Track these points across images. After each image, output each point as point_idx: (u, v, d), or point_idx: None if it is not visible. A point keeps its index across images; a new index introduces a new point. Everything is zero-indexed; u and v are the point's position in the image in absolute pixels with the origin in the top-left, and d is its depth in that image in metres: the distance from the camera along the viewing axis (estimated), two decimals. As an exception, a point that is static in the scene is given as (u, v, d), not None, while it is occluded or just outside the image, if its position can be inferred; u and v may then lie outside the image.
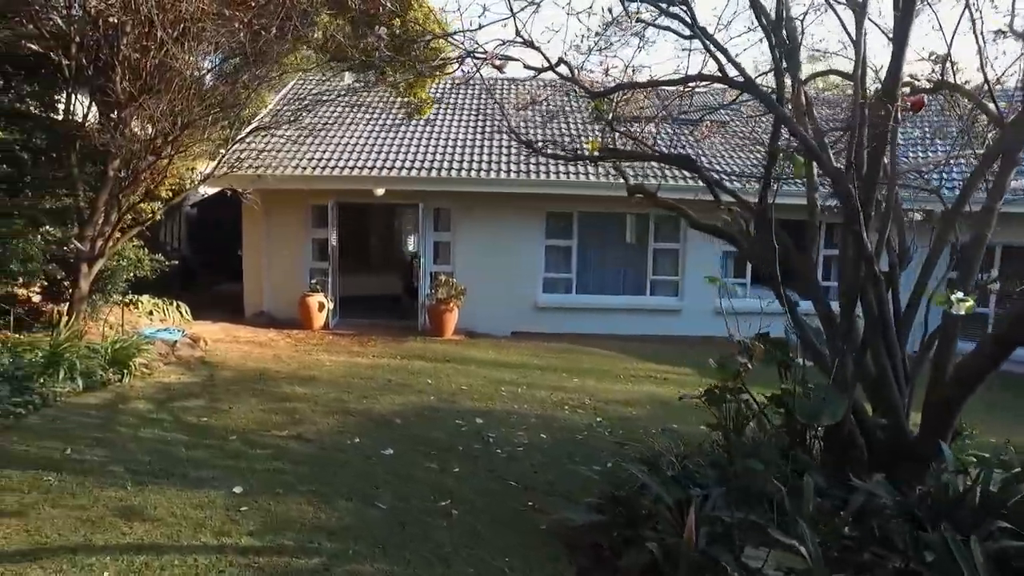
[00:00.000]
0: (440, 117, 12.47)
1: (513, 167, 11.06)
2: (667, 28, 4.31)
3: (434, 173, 10.73)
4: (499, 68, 4.38)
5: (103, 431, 5.20)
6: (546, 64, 4.73)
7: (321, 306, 10.76)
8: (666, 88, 5.18)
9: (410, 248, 18.89)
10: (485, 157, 11.32)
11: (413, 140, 11.78)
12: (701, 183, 5.12)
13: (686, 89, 5.14)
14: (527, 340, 10.96)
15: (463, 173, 10.77)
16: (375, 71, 7.92)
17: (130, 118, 6.85)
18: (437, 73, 5.62)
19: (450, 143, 11.77)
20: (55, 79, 7.48)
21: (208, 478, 4.42)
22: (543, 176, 10.87)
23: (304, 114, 7.93)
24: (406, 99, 8.81)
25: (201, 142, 7.40)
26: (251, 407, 6.21)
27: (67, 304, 7.69)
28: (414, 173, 10.71)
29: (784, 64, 4.44)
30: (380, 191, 10.98)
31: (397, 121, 12.16)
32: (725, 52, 4.14)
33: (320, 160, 10.89)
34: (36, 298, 8.81)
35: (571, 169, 11.08)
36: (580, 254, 11.71)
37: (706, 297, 11.67)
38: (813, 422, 4.28)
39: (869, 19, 4.16)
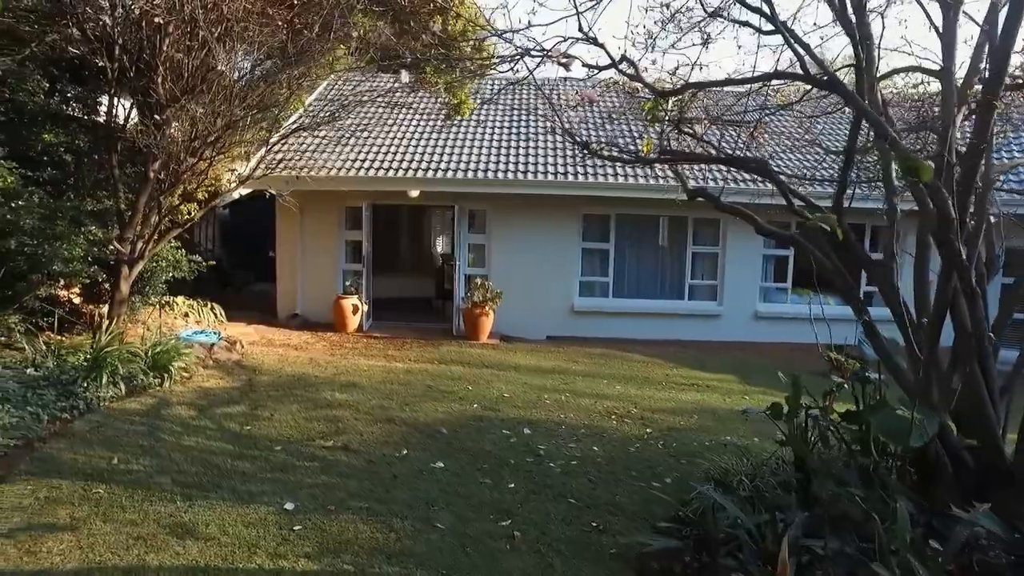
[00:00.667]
0: (475, 117, 12.26)
1: (551, 168, 10.82)
2: (745, 23, 4.03)
3: (470, 174, 10.52)
4: (565, 66, 4.13)
5: (148, 439, 5.06)
6: (607, 62, 4.49)
7: (355, 309, 10.61)
8: (728, 88, 4.90)
9: (439, 249, 18.77)
10: (521, 158, 11.09)
11: (447, 141, 11.60)
12: (756, 185, 4.81)
13: (760, 88, 4.85)
14: (563, 345, 10.71)
15: (499, 175, 10.55)
16: (415, 71, 7.72)
17: (172, 119, 6.73)
18: (488, 72, 5.40)
19: (485, 144, 11.56)
20: (98, 81, 7.40)
21: (257, 492, 4.25)
22: (580, 178, 10.60)
23: (342, 114, 7.74)
24: (445, 99, 8.59)
25: (241, 143, 7.26)
26: (293, 414, 6.05)
27: (106, 306, 7.62)
28: (449, 175, 10.52)
29: (863, 60, 4.14)
30: (415, 193, 10.81)
31: (433, 122, 11.99)
32: (807, 48, 3.86)
33: (355, 161, 10.74)
34: (76, 299, 8.78)
35: (609, 171, 10.81)
36: (617, 257, 11.43)
37: (746, 302, 11.38)
38: (900, 443, 3.98)
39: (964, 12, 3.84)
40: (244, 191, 11.74)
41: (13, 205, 6.64)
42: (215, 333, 8.89)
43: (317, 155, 10.37)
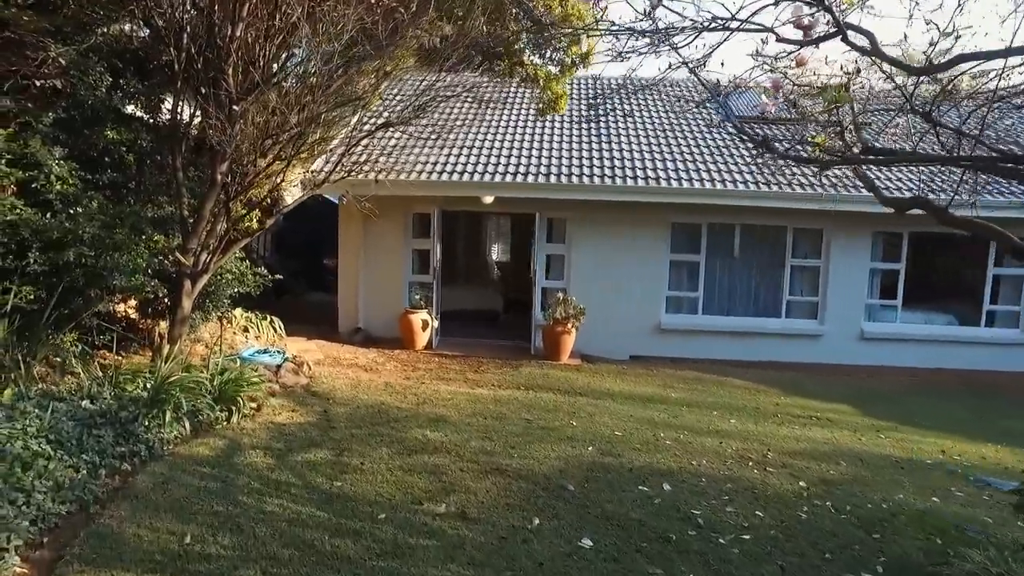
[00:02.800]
0: (554, 117, 11.15)
1: (639, 172, 9.64)
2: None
3: (552, 179, 9.40)
4: (807, 29, 2.96)
5: (224, 502, 4.02)
6: (825, 32, 3.30)
7: (424, 325, 9.56)
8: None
9: (493, 257, 17.70)
10: (605, 161, 9.94)
11: (524, 142, 10.51)
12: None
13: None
14: (651, 366, 9.51)
15: (584, 179, 9.41)
16: (509, 60, 6.62)
17: (244, 113, 5.74)
18: (658, 46, 4.25)
19: (565, 146, 10.43)
20: (163, 74, 6.48)
21: (373, 589, 3.16)
22: (674, 183, 9.39)
23: (428, 109, 6.68)
24: (539, 95, 7.49)
25: (324, 140, 6.25)
26: (385, 462, 4.97)
27: (165, 321, 6.68)
28: (529, 179, 9.41)
29: None
30: (489, 199, 9.74)
31: (514, 121, 10.92)
32: None
33: (432, 164, 9.71)
34: (133, 313, 7.87)
35: (703, 176, 9.58)
36: (708, 270, 10.18)
37: (850, 320, 10.04)
38: None
39: None
40: (295, 195, 10.87)
41: (72, 212, 5.73)
42: (279, 352, 7.90)
43: (388, 157, 9.36)
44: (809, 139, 4.36)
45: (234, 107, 5.61)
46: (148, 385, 5.44)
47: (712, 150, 10.49)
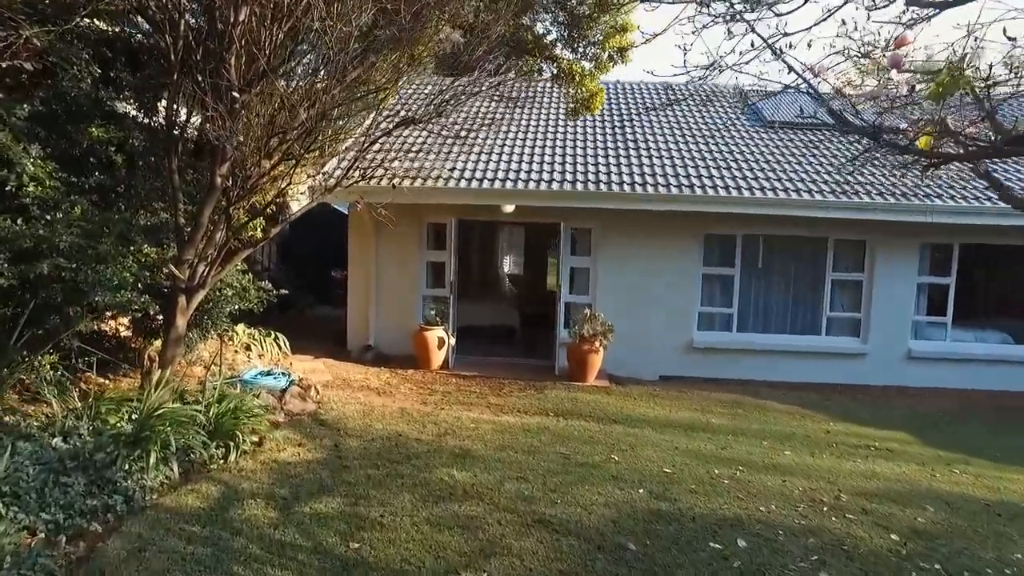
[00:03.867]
0: (579, 121, 10.42)
1: (671, 180, 8.87)
2: None
3: (579, 186, 8.63)
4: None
5: None
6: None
7: (441, 342, 8.75)
8: None
9: (505, 270, 16.93)
10: (636, 168, 9.18)
11: (547, 147, 9.76)
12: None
13: None
14: (682, 388, 8.69)
15: (614, 187, 8.63)
16: (538, 55, 5.87)
17: (248, 106, 4.97)
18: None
19: (589, 151, 9.68)
20: (159, 66, 5.73)
21: None
22: (709, 192, 8.62)
23: (448, 108, 5.90)
24: (572, 91, 6.73)
25: (335, 139, 5.48)
26: (409, 513, 4.15)
27: (159, 341, 5.87)
28: (555, 186, 8.64)
29: None
30: (509, 208, 8.97)
31: (533, 124, 10.19)
32: None
33: (443, 170, 8.96)
34: (125, 331, 7.07)
35: (740, 183, 8.81)
36: (743, 285, 9.38)
37: (896, 338, 9.22)
38: None
39: None
40: (300, 202, 10.14)
41: (49, 218, 4.94)
42: (284, 374, 7.09)
43: (403, 161, 8.60)
44: (921, 129, 3.58)
45: (235, 95, 4.84)
46: (134, 416, 4.64)
47: (748, 155, 9.73)
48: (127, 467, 4.04)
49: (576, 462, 5.49)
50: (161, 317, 6.15)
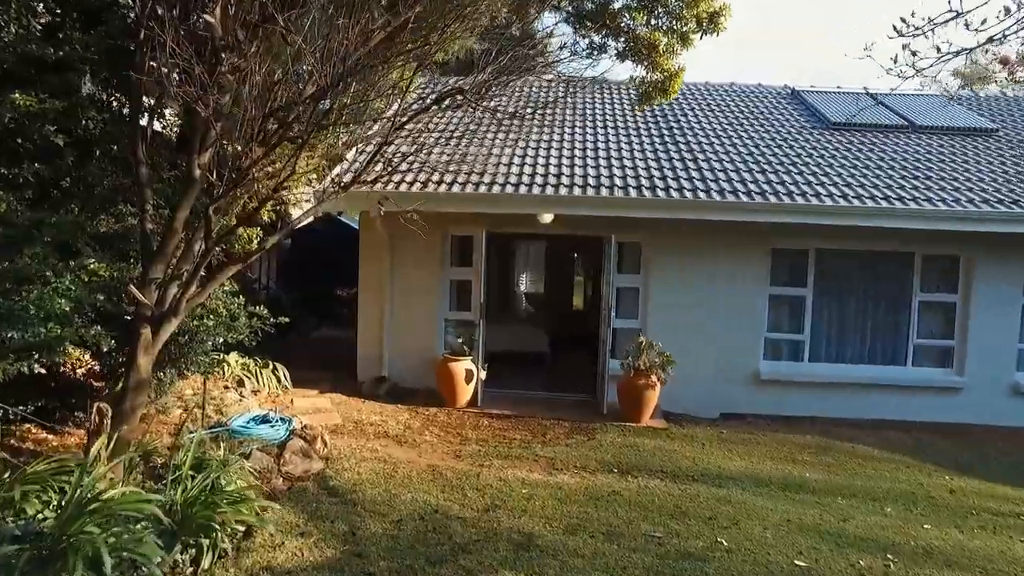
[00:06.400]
0: (626, 120, 9.02)
1: (738, 186, 7.43)
2: None
3: (633, 192, 7.18)
4: None
5: None
6: None
7: (469, 375, 7.21)
8: None
9: (521, 288, 15.43)
10: (694, 172, 7.74)
11: (589, 147, 8.34)
12: None
13: None
14: (751, 429, 7.17)
15: (672, 193, 7.19)
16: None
17: (238, 70, 3.50)
18: None
19: (637, 154, 8.26)
20: (122, 22, 4.26)
21: None
22: (784, 199, 7.18)
23: (496, 87, 4.46)
24: (646, 72, 5.29)
25: (354, 119, 3.98)
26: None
27: (120, 384, 4.34)
28: (604, 192, 7.18)
29: None
30: (548, 217, 7.50)
31: (573, 121, 8.78)
32: None
33: (470, 174, 7.51)
34: (85, 367, 5.51)
35: (806, 189, 7.38)
36: (815, 308, 7.91)
37: (998, 370, 7.71)
38: None
39: None
40: (304, 209, 8.70)
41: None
42: (284, 420, 5.53)
43: (427, 160, 7.15)
44: None
45: (220, 54, 3.36)
46: (59, 506, 3.10)
47: (820, 159, 8.32)
48: (32, 605, 2.49)
49: (675, 551, 3.95)
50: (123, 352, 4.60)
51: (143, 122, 4.24)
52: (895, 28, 3.18)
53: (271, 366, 7.39)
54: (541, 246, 13.76)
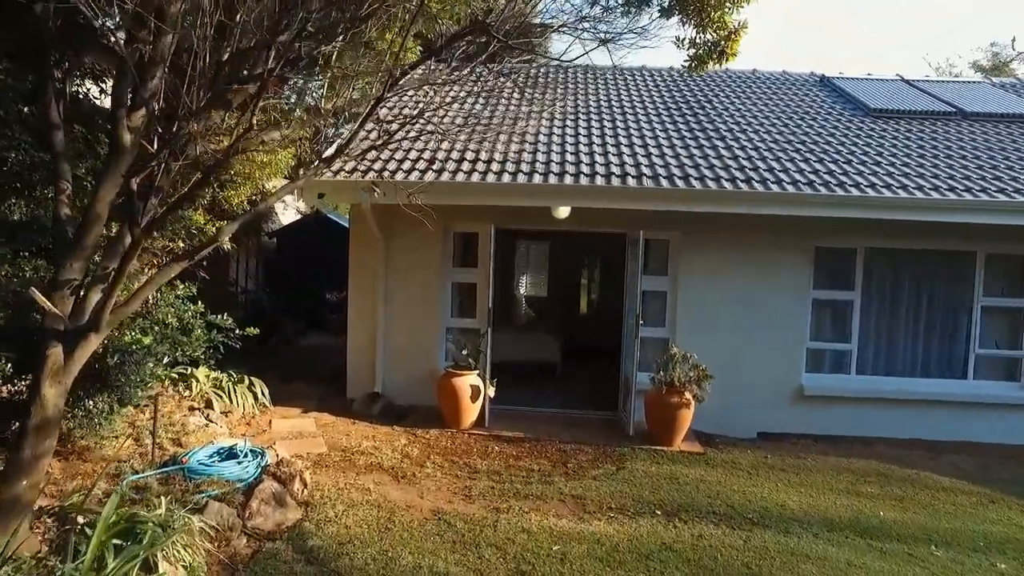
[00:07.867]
0: (642, 107, 8.00)
1: (781, 176, 6.43)
2: None
3: (663, 182, 6.16)
4: None
5: None
6: None
7: (476, 393, 6.15)
8: None
9: (522, 291, 14.37)
10: (730, 162, 6.73)
11: (607, 132, 7.33)
12: None
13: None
14: (795, 451, 6.16)
15: (709, 183, 6.17)
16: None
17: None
18: None
19: (663, 140, 7.25)
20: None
21: None
22: (826, 190, 6.18)
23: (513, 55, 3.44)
24: (700, 31, 4.27)
25: (335, 70, 2.92)
26: None
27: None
28: (631, 182, 6.16)
29: None
30: (564, 211, 6.47)
31: (588, 108, 7.77)
32: None
33: (475, 161, 6.47)
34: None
35: (875, 180, 6.39)
36: (864, 314, 6.92)
37: (1069, 385, 6.73)
38: None
39: None
40: (289, 204, 7.64)
41: None
42: (255, 453, 4.44)
43: (406, 154, 6.10)
44: None
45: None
46: None
47: (867, 147, 7.35)
48: None
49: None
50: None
51: (58, 72, 3.16)
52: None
53: (247, 381, 6.31)
54: (545, 246, 12.72)
